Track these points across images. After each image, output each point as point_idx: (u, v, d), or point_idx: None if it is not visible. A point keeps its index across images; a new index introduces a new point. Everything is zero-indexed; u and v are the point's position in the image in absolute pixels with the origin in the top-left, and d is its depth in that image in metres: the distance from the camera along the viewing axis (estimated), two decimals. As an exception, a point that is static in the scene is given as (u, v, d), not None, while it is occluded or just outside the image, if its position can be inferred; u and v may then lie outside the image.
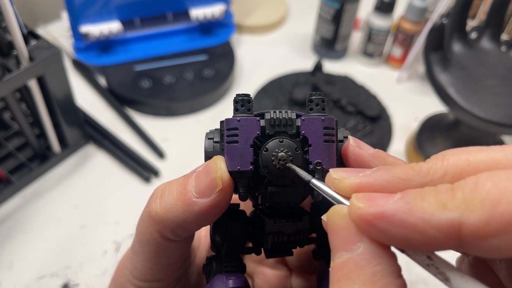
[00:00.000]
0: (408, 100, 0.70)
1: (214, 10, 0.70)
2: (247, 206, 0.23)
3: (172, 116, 0.65)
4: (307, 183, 0.19)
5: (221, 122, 0.20)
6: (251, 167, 0.19)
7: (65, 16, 0.67)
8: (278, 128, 0.20)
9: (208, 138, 0.21)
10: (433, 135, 0.58)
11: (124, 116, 0.63)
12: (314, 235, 0.23)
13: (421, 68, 0.71)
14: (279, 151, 0.19)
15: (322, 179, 0.19)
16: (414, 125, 0.65)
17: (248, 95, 0.20)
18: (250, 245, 0.24)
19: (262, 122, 0.20)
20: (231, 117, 0.20)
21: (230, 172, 0.20)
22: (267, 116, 0.20)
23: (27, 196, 0.54)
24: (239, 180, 0.20)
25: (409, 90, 0.71)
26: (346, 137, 0.21)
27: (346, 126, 0.64)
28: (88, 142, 0.60)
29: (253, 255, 0.24)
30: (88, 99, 0.66)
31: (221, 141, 0.21)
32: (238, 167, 0.19)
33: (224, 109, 0.66)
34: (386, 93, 0.69)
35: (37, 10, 0.80)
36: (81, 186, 0.56)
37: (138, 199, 0.54)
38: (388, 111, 0.67)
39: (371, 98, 0.68)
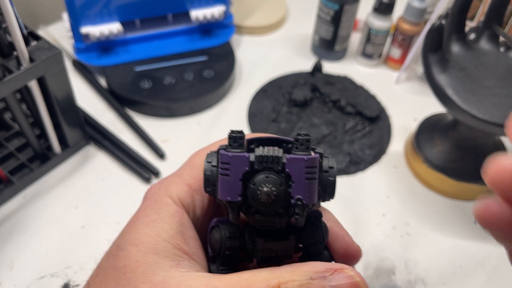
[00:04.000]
0: (407, 101, 0.70)
1: (214, 11, 0.70)
2: None
3: (172, 117, 0.65)
4: (290, 212, 0.22)
5: (218, 152, 0.23)
6: (239, 198, 0.22)
7: (65, 17, 0.68)
8: (265, 164, 0.22)
9: (208, 161, 0.24)
10: (431, 136, 0.58)
11: (124, 116, 0.64)
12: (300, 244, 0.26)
13: (420, 69, 0.72)
14: (264, 186, 0.22)
15: (301, 213, 0.22)
16: (413, 125, 0.65)
17: (241, 132, 0.23)
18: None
19: (252, 157, 0.22)
20: (225, 151, 0.22)
21: (221, 200, 0.23)
22: (257, 152, 0.22)
23: (28, 196, 0.54)
24: (230, 207, 0.23)
25: (408, 91, 0.72)
26: (332, 168, 0.24)
27: (346, 126, 0.64)
28: (88, 143, 0.60)
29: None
30: (88, 99, 0.66)
31: (217, 167, 0.23)
32: (228, 198, 0.22)
33: (224, 110, 0.66)
34: (385, 94, 0.70)
35: (38, 11, 0.81)
36: (82, 186, 0.56)
37: (138, 199, 0.54)
38: (387, 111, 0.67)
39: (370, 99, 0.68)
